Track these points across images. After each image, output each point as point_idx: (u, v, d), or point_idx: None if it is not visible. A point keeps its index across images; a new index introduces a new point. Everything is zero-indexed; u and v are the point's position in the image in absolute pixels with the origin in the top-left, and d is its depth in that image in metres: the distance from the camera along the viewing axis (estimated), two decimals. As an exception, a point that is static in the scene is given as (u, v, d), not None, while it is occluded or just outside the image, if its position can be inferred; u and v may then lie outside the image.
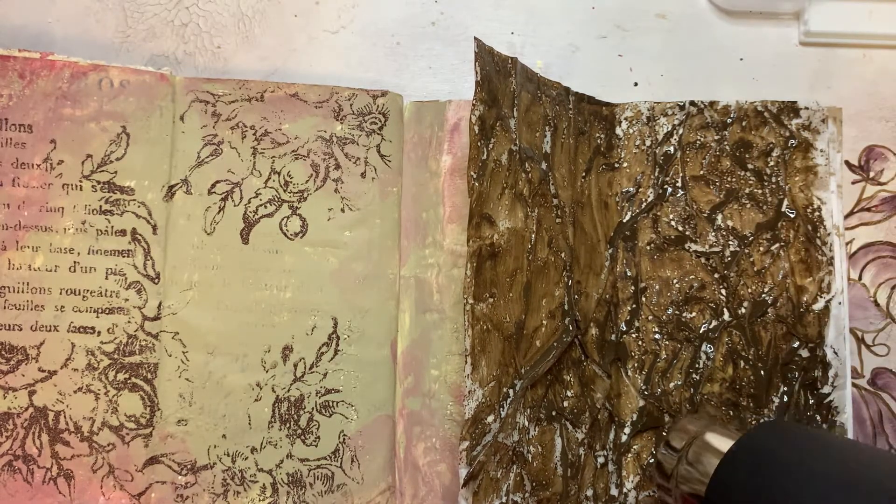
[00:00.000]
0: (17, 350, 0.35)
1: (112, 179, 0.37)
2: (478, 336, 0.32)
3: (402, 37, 0.41)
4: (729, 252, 0.38)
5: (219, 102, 0.38)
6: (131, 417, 0.36)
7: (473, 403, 0.32)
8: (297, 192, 0.38)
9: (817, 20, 0.41)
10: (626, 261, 0.38)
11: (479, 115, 0.33)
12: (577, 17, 0.42)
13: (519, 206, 0.34)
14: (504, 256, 0.34)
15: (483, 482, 0.32)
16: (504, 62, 0.35)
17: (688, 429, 0.34)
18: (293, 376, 0.37)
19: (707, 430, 0.33)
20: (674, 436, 0.34)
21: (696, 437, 0.33)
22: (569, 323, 0.36)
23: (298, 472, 0.36)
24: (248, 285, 0.37)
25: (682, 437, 0.34)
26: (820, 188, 0.38)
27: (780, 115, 0.38)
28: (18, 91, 0.36)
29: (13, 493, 0.35)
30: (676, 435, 0.34)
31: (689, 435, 0.34)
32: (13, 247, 0.36)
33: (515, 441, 0.33)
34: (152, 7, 0.41)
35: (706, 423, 0.34)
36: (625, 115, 0.39)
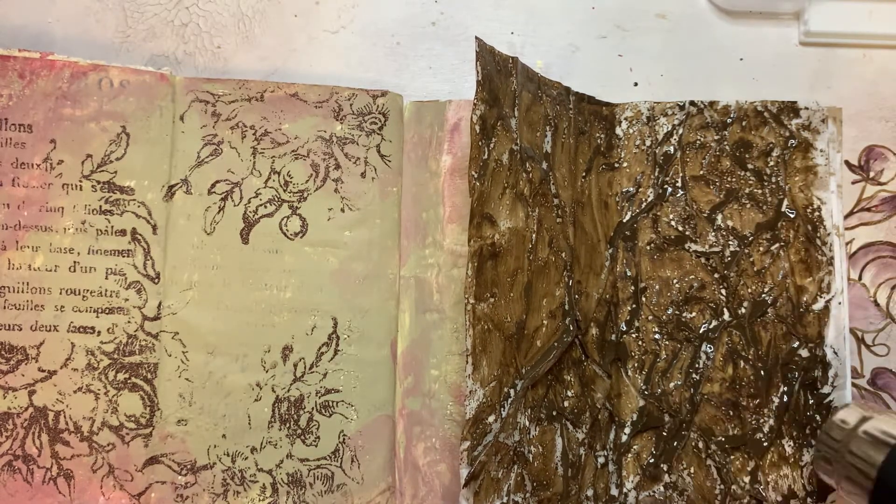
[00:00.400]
0: (17, 350, 0.35)
1: (112, 179, 0.37)
2: (479, 336, 0.32)
3: (402, 37, 0.41)
4: (729, 252, 0.38)
5: (219, 102, 0.38)
6: (131, 417, 0.36)
7: (474, 403, 0.32)
8: (297, 192, 0.38)
9: (817, 20, 0.41)
10: (626, 261, 0.38)
11: (481, 114, 0.33)
12: (577, 17, 0.42)
13: (520, 206, 0.34)
14: (505, 256, 0.34)
15: (484, 482, 0.32)
16: (505, 62, 0.35)
17: (849, 416, 0.34)
18: (293, 376, 0.37)
19: (870, 419, 0.33)
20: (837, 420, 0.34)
21: (865, 420, 0.33)
22: (569, 323, 0.36)
23: (298, 472, 0.36)
24: (248, 285, 0.37)
25: (846, 422, 0.34)
26: (820, 188, 0.38)
27: (780, 115, 0.38)
28: (18, 91, 0.36)
29: (13, 493, 0.35)
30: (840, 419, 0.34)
31: (852, 420, 0.34)
32: (13, 247, 0.36)
33: (516, 441, 0.33)
34: (152, 7, 0.41)
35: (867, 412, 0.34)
36: (625, 115, 0.39)
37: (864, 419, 0.33)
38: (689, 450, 0.37)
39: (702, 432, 0.37)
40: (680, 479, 0.37)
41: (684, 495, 0.36)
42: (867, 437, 0.32)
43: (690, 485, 0.36)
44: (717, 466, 0.36)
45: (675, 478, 0.37)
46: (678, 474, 0.37)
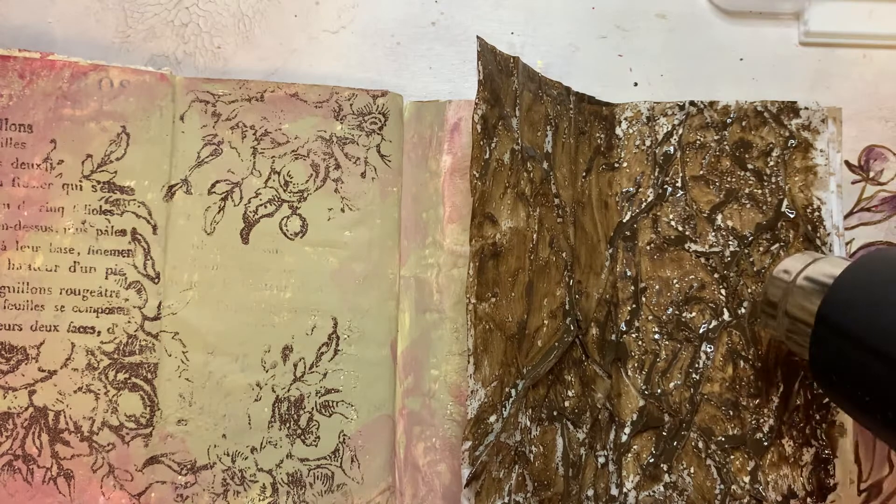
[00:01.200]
0: (17, 350, 0.35)
1: (112, 179, 0.37)
2: (480, 336, 0.32)
3: (402, 37, 0.41)
4: (729, 252, 0.38)
5: (219, 102, 0.38)
6: (131, 417, 0.36)
7: (476, 403, 0.32)
8: (297, 192, 0.38)
9: (817, 20, 0.41)
10: (625, 261, 0.38)
11: (482, 114, 0.33)
12: (577, 17, 0.42)
13: (521, 206, 0.34)
14: (506, 256, 0.34)
15: (485, 482, 0.32)
16: (506, 61, 0.35)
17: (791, 265, 0.33)
18: (293, 376, 0.37)
19: (816, 260, 0.32)
20: (779, 271, 0.33)
21: (806, 267, 0.32)
22: (570, 323, 0.36)
23: (298, 471, 0.36)
24: (248, 285, 0.37)
25: (787, 272, 0.33)
26: (820, 188, 0.38)
27: (780, 115, 0.38)
28: (18, 91, 0.36)
29: (13, 493, 0.35)
30: (782, 269, 0.33)
31: (794, 270, 0.33)
32: (13, 247, 0.36)
33: (517, 441, 0.33)
34: (152, 7, 0.41)
35: (812, 255, 0.33)
36: (625, 115, 0.39)
37: (805, 266, 0.33)
38: (689, 450, 0.37)
39: (702, 432, 0.37)
40: (680, 479, 0.37)
41: (684, 495, 0.36)
42: (807, 283, 0.32)
43: (690, 485, 0.36)
44: (717, 466, 0.36)
45: (675, 478, 0.37)
46: (678, 474, 0.37)
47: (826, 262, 0.32)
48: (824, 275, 0.31)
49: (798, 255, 0.33)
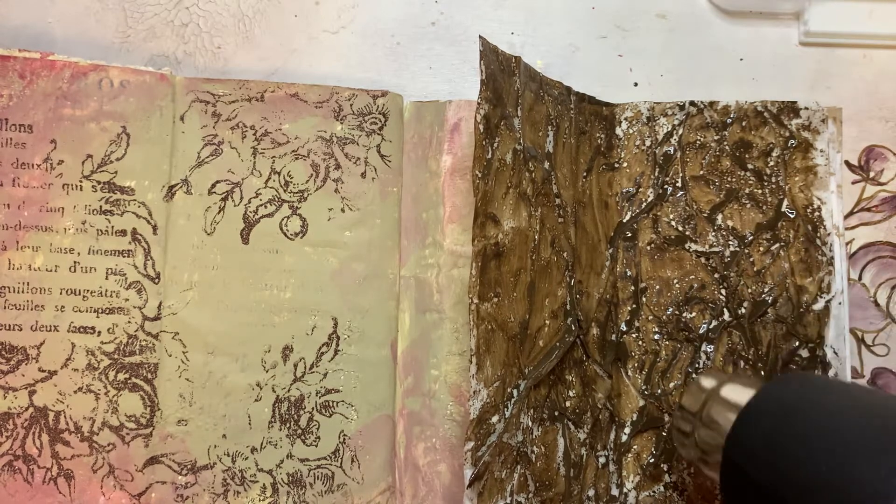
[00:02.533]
0: (17, 350, 0.35)
1: (112, 179, 0.37)
2: (482, 336, 0.32)
3: (402, 37, 0.41)
4: (729, 252, 0.38)
5: (219, 102, 0.38)
6: (131, 417, 0.36)
7: (478, 404, 0.31)
8: (297, 192, 0.38)
9: (817, 20, 0.41)
10: (626, 261, 0.38)
11: (485, 113, 0.33)
12: (577, 17, 0.42)
13: (523, 206, 0.34)
14: (508, 256, 0.34)
15: (488, 483, 0.32)
16: (508, 61, 0.35)
17: (702, 386, 0.33)
18: (293, 376, 0.37)
19: (724, 384, 0.32)
20: (689, 396, 0.33)
21: (714, 393, 0.32)
22: (571, 323, 0.36)
23: (298, 472, 0.36)
24: (248, 285, 0.37)
25: (698, 396, 0.33)
26: (820, 188, 0.38)
27: (780, 116, 0.38)
28: (18, 91, 0.36)
29: (13, 493, 0.35)
30: (691, 394, 0.33)
31: (704, 393, 0.32)
32: (13, 247, 0.36)
33: (519, 441, 0.33)
34: (152, 7, 0.41)
35: (722, 378, 0.33)
36: (625, 115, 0.39)
37: (720, 384, 0.32)
38: (689, 450, 0.37)
39: (702, 432, 0.37)
40: (680, 479, 0.37)
41: (684, 495, 0.36)
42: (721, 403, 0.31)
43: (690, 485, 0.36)
44: (717, 466, 0.36)
45: (675, 478, 0.37)
46: (678, 474, 0.37)
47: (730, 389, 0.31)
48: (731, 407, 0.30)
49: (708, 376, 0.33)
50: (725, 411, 0.31)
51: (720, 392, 0.32)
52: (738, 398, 0.30)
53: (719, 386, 0.32)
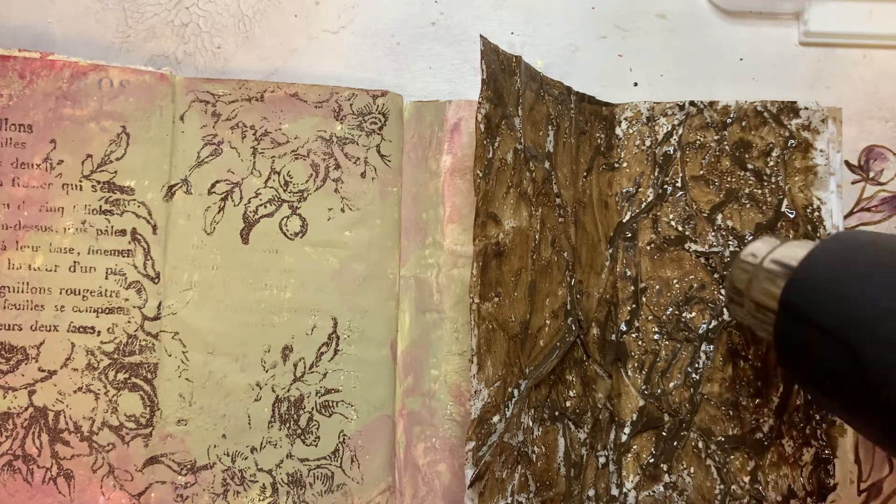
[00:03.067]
0: (17, 350, 0.35)
1: (112, 179, 0.37)
2: (483, 336, 0.32)
3: (402, 37, 0.41)
4: (729, 252, 0.38)
5: (219, 102, 0.38)
6: (131, 417, 0.36)
7: (479, 403, 0.31)
8: (297, 192, 0.38)
9: (817, 20, 0.41)
10: (625, 261, 0.38)
11: (486, 113, 0.33)
12: (577, 17, 0.42)
13: (524, 206, 0.34)
14: (509, 256, 0.34)
15: (489, 483, 0.32)
16: (509, 61, 0.35)
17: (759, 248, 0.33)
18: (293, 376, 0.37)
19: (783, 244, 0.32)
20: (745, 255, 0.33)
21: (773, 250, 0.32)
22: (571, 322, 0.36)
23: (298, 472, 0.36)
24: (248, 285, 0.37)
25: (754, 256, 0.32)
26: (820, 188, 0.38)
27: (780, 115, 0.38)
28: (18, 91, 0.36)
29: (13, 493, 0.35)
30: (749, 252, 0.33)
31: (761, 253, 0.32)
32: (13, 247, 0.36)
33: (520, 441, 0.33)
34: (152, 7, 0.41)
35: (778, 239, 0.33)
36: (625, 115, 0.39)
37: (772, 249, 0.32)
38: (689, 450, 0.37)
39: (701, 432, 0.37)
40: (680, 479, 0.37)
41: (684, 495, 0.36)
42: (772, 267, 0.31)
43: (690, 485, 0.36)
44: (717, 466, 0.36)
45: (674, 478, 0.37)
46: (678, 474, 0.37)
47: (793, 246, 0.31)
48: (789, 258, 0.31)
49: (766, 238, 0.33)
50: (783, 264, 0.31)
51: (774, 253, 0.32)
52: (797, 253, 0.30)
53: (773, 249, 0.32)
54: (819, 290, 0.29)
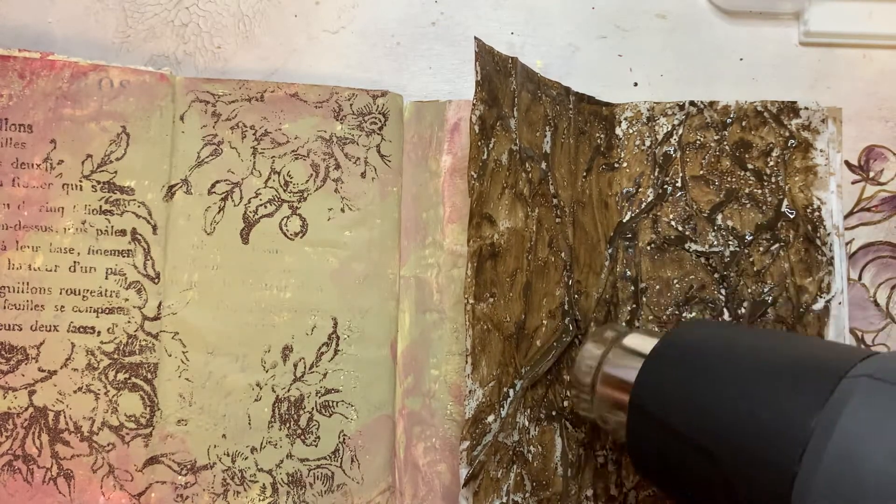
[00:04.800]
0: (17, 350, 0.35)
1: (112, 179, 0.37)
2: (478, 336, 0.32)
3: (402, 37, 0.41)
4: (729, 252, 0.38)
5: (219, 102, 0.38)
6: (131, 417, 0.36)
7: (474, 403, 0.32)
8: (297, 192, 0.38)
9: (817, 20, 0.41)
10: (625, 261, 0.38)
11: (480, 114, 0.33)
12: (577, 17, 0.42)
13: (519, 206, 0.34)
14: (504, 256, 0.34)
15: (483, 482, 0.32)
16: (504, 62, 0.35)
17: (604, 337, 0.32)
18: (293, 376, 0.37)
19: (626, 335, 0.31)
20: (589, 348, 0.32)
21: (615, 343, 0.31)
22: (569, 322, 0.36)
23: (298, 471, 0.36)
24: (248, 285, 0.37)
25: (599, 346, 0.32)
26: (820, 188, 0.38)
27: (780, 116, 0.38)
28: (18, 91, 0.36)
29: (13, 493, 0.35)
30: (592, 346, 0.32)
31: (605, 344, 0.32)
32: (13, 247, 0.36)
33: (516, 441, 0.33)
34: (152, 7, 0.41)
35: (622, 329, 0.32)
36: (625, 115, 0.39)
37: (620, 335, 0.31)
38: (689, 450, 0.37)
39: (702, 432, 0.37)
40: (680, 479, 0.37)
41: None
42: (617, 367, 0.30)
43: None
44: (717, 466, 0.36)
45: (674, 478, 0.37)
46: (678, 474, 0.37)
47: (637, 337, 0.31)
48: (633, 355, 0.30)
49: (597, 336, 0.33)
50: (629, 360, 0.30)
51: (622, 342, 0.31)
52: (642, 346, 0.30)
53: (620, 336, 0.31)
54: (670, 390, 0.28)
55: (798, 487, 0.23)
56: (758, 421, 0.25)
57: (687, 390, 0.27)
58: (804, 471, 0.23)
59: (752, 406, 0.25)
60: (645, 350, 0.30)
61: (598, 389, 0.31)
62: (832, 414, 0.23)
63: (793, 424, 0.24)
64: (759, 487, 0.24)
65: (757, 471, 0.24)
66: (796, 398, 0.24)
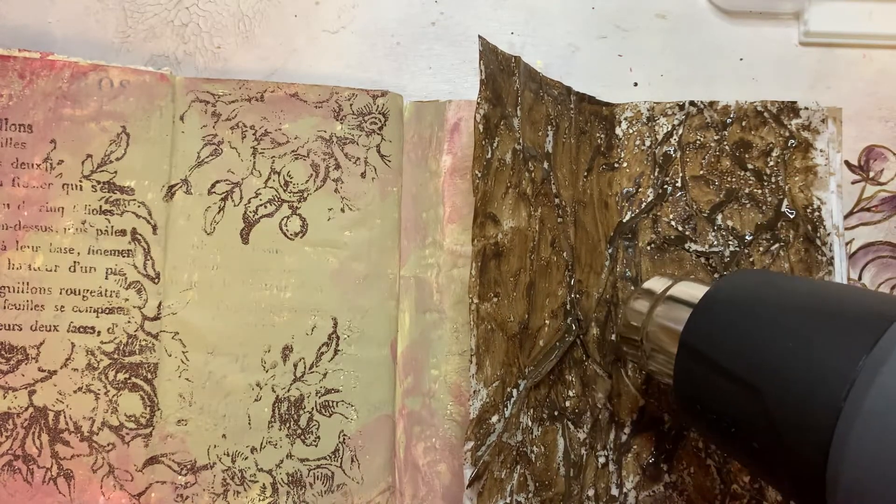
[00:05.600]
0: (17, 350, 0.35)
1: (112, 179, 0.37)
2: (482, 336, 0.32)
3: (402, 37, 0.41)
4: (729, 252, 0.38)
5: (219, 102, 0.38)
6: (131, 417, 0.36)
7: (478, 403, 0.31)
8: (297, 192, 0.38)
9: (817, 20, 0.41)
10: (626, 261, 0.38)
11: (484, 113, 0.33)
12: (577, 17, 0.42)
13: (522, 206, 0.34)
14: (508, 256, 0.34)
15: (487, 482, 0.32)
16: (508, 61, 0.35)
17: (653, 288, 0.32)
18: (293, 376, 0.37)
19: (676, 283, 0.31)
20: (639, 295, 0.32)
21: (665, 292, 0.31)
22: (571, 322, 0.36)
23: (298, 471, 0.36)
24: (248, 285, 0.37)
25: (649, 296, 0.32)
26: (820, 188, 0.38)
27: (780, 116, 0.38)
28: (18, 91, 0.36)
29: (13, 493, 0.35)
30: (643, 294, 0.32)
31: (655, 293, 0.32)
32: (13, 247, 0.36)
33: (519, 441, 0.33)
34: (152, 7, 0.41)
35: (672, 278, 0.32)
36: (625, 115, 0.39)
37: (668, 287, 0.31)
38: (689, 450, 0.37)
39: (702, 432, 0.37)
40: (680, 479, 0.37)
41: (684, 495, 0.36)
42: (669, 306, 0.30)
43: (690, 485, 0.36)
44: (717, 466, 0.36)
45: (675, 478, 0.37)
46: (678, 474, 0.37)
47: (688, 284, 0.31)
48: (687, 296, 0.30)
49: (657, 278, 0.33)
50: (680, 306, 0.30)
51: (671, 292, 0.31)
52: (693, 293, 0.30)
53: (669, 287, 0.32)
54: (720, 330, 0.28)
55: (842, 424, 0.23)
56: (805, 359, 0.25)
57: (736, 331, 0.27)
58: (849, 408, 0.23)
59: (800, 345, 0.25)
60: (696, 296, 0.30)
61: (650, 331, 0.31)
62: (880, 355, 0.23)
63: (840, 363, 0.24)
64: (803, 424, 0.24)
65: (802, 407, 0.24)
66: (845, 339, 0.24)
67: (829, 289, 0.28)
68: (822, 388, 0.24)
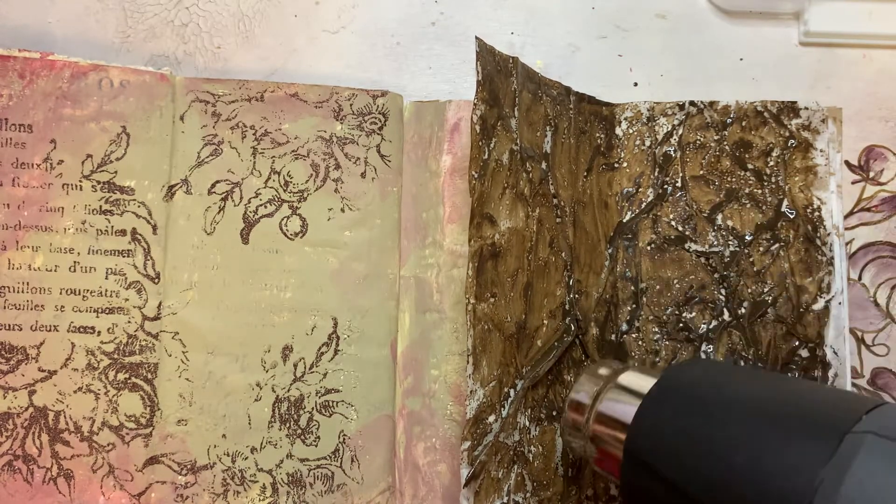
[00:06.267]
0: (17, 350, 0.35)
1: (112, 179, 0.37)
2: (479, 336, 0.32)
3: (402, 37, 0.41)
4: (729, 252, 0.38)
5: (219, 102, 0.38)
6: (131, 417, 0.36)
7: (475, 403, 0.32)
8: (297, 192, 0.38)
9: (817, 20, 0.41)
10: (625, 261, 0.38)
11: (481, 114, 0.33)
12: (577, 17, 0.42)
13: (520, 206, 0.34)
14: (505, 256, 0.34)
15: (484, 482, 0.32)
16: (505, 62, 0.35)
17: (599, 374, 0.31)
18: (293, 376, 0.37)
19: (622, 372, 0.31)
20: (582, 385, 0.32)
21: (609, 382, 0.30)
22: (569, 322, 0.36)
23: (298, 471, 0.36)
24: (248, 285, 0.37)
25: (594, 383, 0.31)
26: (820, 188, 0.38)
27: (780, 115, 0.38)
28: (18, 91, 0.36)
29: (13, 493, 0.35)
30: (585, 383, 0.31)
31: (601, 380, 0.31)
32: (13, 247, 0.36)
33: (516, 441, 0.33)
34: (152, 7, 0.41)
35: (619, 366, 0.32)
36: (625, 115, 0.39)
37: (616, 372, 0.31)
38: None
39: (702, 432, 0.37)
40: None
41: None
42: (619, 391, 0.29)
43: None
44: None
45: (674, 478, 0.37)
46: (678, 474, 0.37)
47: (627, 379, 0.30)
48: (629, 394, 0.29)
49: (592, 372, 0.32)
50: (625, 401, 0.29)
51: (618, 380, 0.30)
52: (639, 385, 0.29)
53: (615, 374, 0.31)
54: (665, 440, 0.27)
55: None
56: (758, 474, 0.24)
57: (684, 440, 0.26)
58: None
59: (751, 459, 0.24)
60: (642, 390, 0.29)
61: (593, 428, 0.30)
62: (837, 472, 0.22)
63: (797, 480, 0.23)
64: None
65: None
66: (799, 452, 0.24)
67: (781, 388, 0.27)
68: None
